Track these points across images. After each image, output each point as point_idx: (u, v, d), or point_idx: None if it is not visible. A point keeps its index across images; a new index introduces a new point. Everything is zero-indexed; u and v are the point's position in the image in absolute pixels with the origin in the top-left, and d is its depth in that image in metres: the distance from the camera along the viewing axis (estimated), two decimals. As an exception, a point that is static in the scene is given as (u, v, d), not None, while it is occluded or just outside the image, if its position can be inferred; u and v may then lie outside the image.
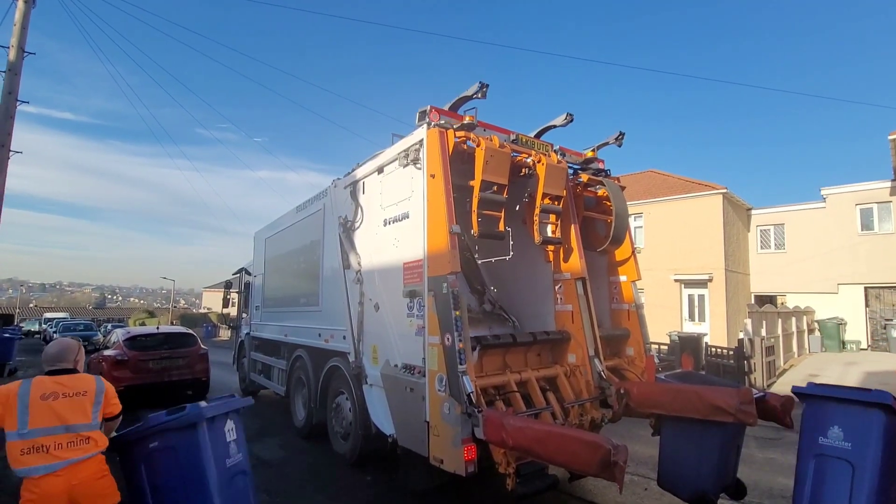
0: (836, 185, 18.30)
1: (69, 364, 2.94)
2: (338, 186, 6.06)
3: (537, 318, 5.28)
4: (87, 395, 2.79)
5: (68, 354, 2.97)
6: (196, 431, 2.93)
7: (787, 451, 6.60)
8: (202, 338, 26.18)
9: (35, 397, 2.64)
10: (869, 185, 17.57)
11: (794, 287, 18.95)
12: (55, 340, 3.11)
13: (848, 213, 17.85)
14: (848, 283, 17.65)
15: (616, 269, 5.76)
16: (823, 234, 18.22)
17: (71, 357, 2.97)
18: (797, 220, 19.21)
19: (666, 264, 18.90)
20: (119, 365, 8.78)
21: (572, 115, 4.98)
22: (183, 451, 2.95)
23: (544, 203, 4.75)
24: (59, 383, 2.76)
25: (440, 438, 3.78)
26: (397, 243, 4.70)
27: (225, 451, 3.10)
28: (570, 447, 2.82)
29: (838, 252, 17.75)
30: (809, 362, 14.37)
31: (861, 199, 17.68)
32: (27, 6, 8.49)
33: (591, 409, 4.49)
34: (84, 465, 2.65)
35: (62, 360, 2.93)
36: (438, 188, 4.07)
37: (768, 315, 12.60)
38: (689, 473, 3.90)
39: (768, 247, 20.02)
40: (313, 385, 6.41)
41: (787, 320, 14.72)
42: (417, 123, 4.42)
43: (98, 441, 2.77)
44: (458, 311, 3.81)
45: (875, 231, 17.30)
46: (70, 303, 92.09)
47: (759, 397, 3.88)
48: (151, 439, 3.07)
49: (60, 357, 2.93)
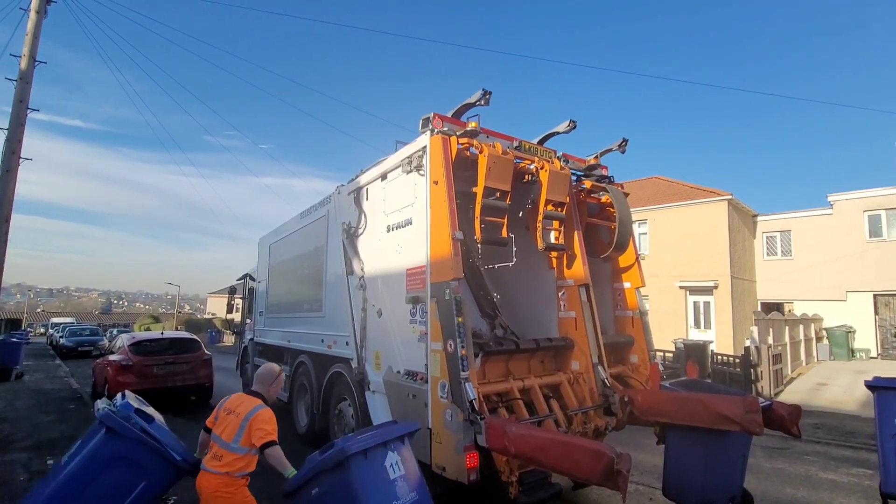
0: (844, 192, 18.18)
1: (261, 387, 3.23)
2: (341, 193, 6.09)
3: (541, 324, 5.26)
4: (237, 417, 2.98)
5: (265, 378, 3.26)
6: (347, 472, 2.56)
7: (795, 460, 6.51)
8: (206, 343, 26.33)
9: (223, 407, 3.09)
10: (877, 192, 17.45)
11: (801, 294, 18.79)
12: (266, 364, 3.45)
13: (856, 220, 17.70)
14: (856, 291, 17.47)
15: (620, 275, 5.74)
16: (831, 240, 18.07)
17: (266, 381, 3.25)
18: (804, 227, 19.09)
19: (671, 271, 18.79)
20: (124, 370, 8.87)
21: (575, 121, 4.99)
22: (339, 496, 2.61)
23: (547, 209, 4.75)
24: (238, 401, 3.09)
25: (442, 445, 3.76)
26: (400, 249, 4.70)
27: (389, 491, 2.66)
28: (573, 455, 2.79)
29: (846, 259, 17.59)
30: (818, 370, 14.19)
31: (869, 206, 17.54)
32: (39, 17, 8.64)
33: (595, 416, 4.45)
34: (211, 478, 2.90)
35: (258, 381, 3.26)
36: (441, 195, 4.08)
37: (775, 322, 12.51)
38: (695, 483, 3.86)
39: (775, 253, 19.89)
40: (316, 391, 6.40)
41: (795, 328, 14.58)
42: (421, 130, 4.44)
43: (227, 462, 2.90)
44: (460, 318, 3.80)
45: (884, 238, 17.15)
46: (77, 308, 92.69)
47: (765, 406, 3.84)
48: (312, 484, 2.80)
49: (258, 379, 3.27)
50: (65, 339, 23.76)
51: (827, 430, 8.25)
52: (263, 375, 3.28)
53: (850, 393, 10.99)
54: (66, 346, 22.92)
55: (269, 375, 3.28)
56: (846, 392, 11.12)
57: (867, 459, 6.48)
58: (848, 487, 5.44)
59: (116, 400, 3.29)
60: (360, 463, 2.60)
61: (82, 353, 22.23)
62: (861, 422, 8.72)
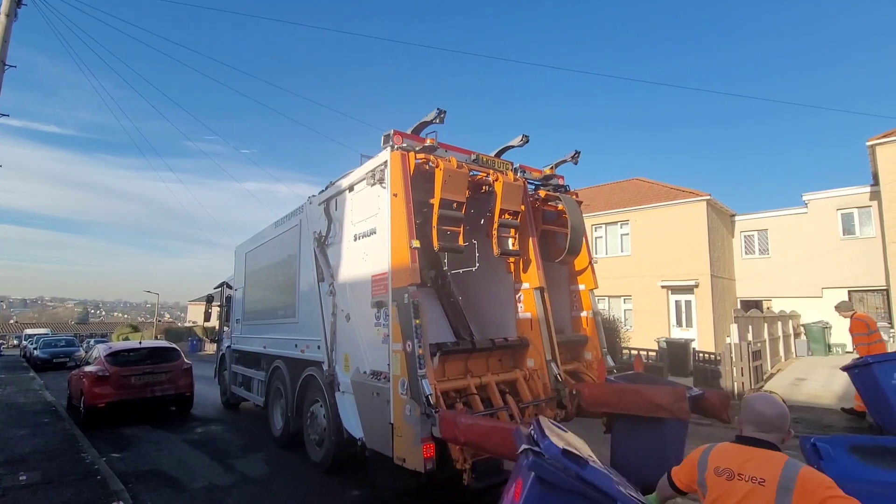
0: (818, 191, 18.59)
1: (774, 436, 2.03)
2: (313, 203, 6.36)
3: (500, 325, 5.61)
4: (764, 485, 1.90)
5: (782, 422, 2.05)
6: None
7: None
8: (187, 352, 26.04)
9: (711, 468, 2.07)
10: (849, 191, 17.93)
11: (779, 292, 19.20)
12: (766, 396, 2.17)
13: (830, 219, 18.16)
14: (832, 287, 17.87)
15: (576, 278, 6.14)
16: (806, 239, 18.51)
17: (784, 426, 2.05)
18: (780, 226, 19.54)
19: (653, 271, 19.21)
20: (100, 381, 8.77)
21: (527, 136, 5.38)
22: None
23: (503, 218, 5.12)
24: (745, 457, 2.00)
25: (403, 439, 4.06)
26: (366, 257, 5.00)
27: None
28: (508, 439, 3.12)
29: (822, 257, 18.06)
30: (796, 366, 14.42)
31: (842, 205, 18.02)
32: (8, 20, 8.65)
33: (546, 409, 4.80)
34: None
35: (770, 427, 2.04)
36: (400, 206, 4.41)
37: (754, 320, 12.69)
38: (637, 467, 4.21)
39: (752, 252, 20.38)
40: (290, 394, 6.63)
41: (773, 325, 14.80)
42: (382, 146, 4.76)
43: None
44: (417, 320, 4.12)
45: (857, 235, 17.65)
46: (52, 318, 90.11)
47: (697, 395, 4.24)
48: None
49: (769, 423, 2.04)
50: (39, 351, 23.29)
51: (806, 424, 8.47)
52: (777, 419, 2.05)
53: (827, 387, 11.24)
54: (40, 359, 22.47)
55: (785, 418, 2.06)
56: (824, 387, 11.35)
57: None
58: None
59: (536, 435, 2.40)
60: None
61: (57, 365, 21.82)
62: (838, 415, 9.01)
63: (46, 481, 5.37)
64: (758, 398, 2.15)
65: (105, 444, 7.39)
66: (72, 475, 5.54)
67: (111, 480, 5.40)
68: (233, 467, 6.21)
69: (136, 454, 6.93)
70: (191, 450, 7.14)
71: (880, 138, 15.33)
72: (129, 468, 6.20)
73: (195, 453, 6.93)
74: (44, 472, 5.65)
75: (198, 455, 6.84)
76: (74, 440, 7.25)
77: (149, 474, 5.99)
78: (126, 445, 7.45)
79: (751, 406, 2.11)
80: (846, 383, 11.57)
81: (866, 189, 17.48)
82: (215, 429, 8.65)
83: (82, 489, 5.11)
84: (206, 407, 10.73)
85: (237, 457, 6.70)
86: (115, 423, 8.86)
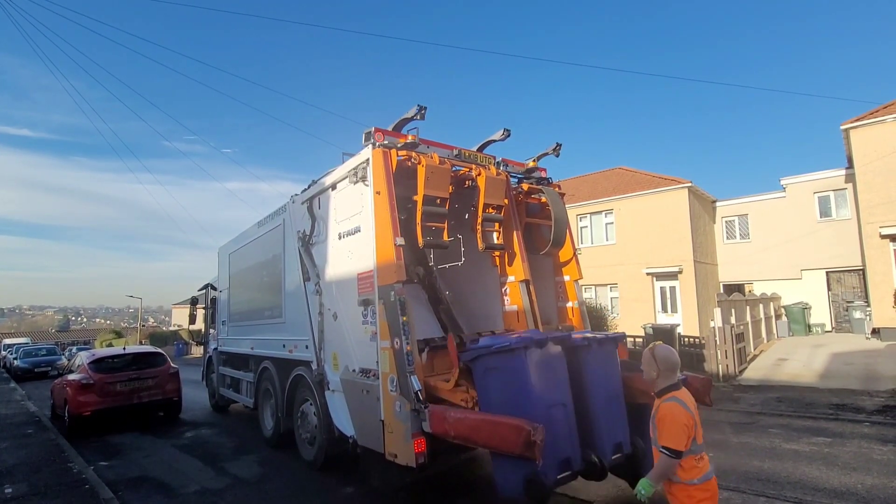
0: (795, 175, 18.94)
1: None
2: (296, 202, 6.31)
3: (488, 318, 5.66)
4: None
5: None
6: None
7: (760, 434, 6.82)
8: (173, 356, 25.66)
9: (694, 414, 2.66)
10: (825, 174, 18.31)
11: (759, 275, 19.62)
12: (667, 346, 2.85)
13: (807, 202, 18.57)
14: (810, 269, 18.36)
15: (561, 269, 6.20)
16: (785, 222, 18.91)
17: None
18: (760, 211, 19.92)
19: (638, 259, 19.46)
20: (84, 389, 8.62)
21: (509, 130, 5.40)
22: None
23: (486, 212, 5.15)
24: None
25: (394, 435, 4.10)
26: (351, 255, 4.99)
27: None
28: (499, 431, 3.17)
29: (800, 239, 18.49)
30: (778, 347, 14.81)
31: (818, 188, 18.42)
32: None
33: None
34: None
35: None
36: (384, 204, 4.40)
37: (737, 303, 12.93)
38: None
39: (734, 237, 20.77)
40: (280, 395, 6.62)
41: (755, 307, 15.10)
42: (364, 144, 4.74)
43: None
44: (405, 317, 4.14)
45: (833, 217, 18.07)
46: (31, 327, 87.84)
47: (680, 380, 4.34)
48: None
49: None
50: (19, 361, 22.69)
51: (788, 402, 8.73)
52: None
53: (808, 366, 11.60)
54: (20, 369, 21.92)
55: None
56: (805, 366, 11.71)
57: (826, 428, 6.95)
58: (809, 456, 5.76)
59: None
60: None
61: (39, 375, 21.32)
62: (819, 393, 9.29)
63: (34, 493, 5.28)
64: (669, 350, 2.82)
65: (93, 453, 7.28)
66: (60, 486, 5.45)
67: (100, 489, 5.32)
68: (225, 470, 6.18)
69: (125, 461, 6.85)
70: (181, 454, 7.07)
71: (854, 122, 15.63)
72: (119, 476, 6.12)
73: (186, 458, 6.87)
74: (30, 484, 5.55)
75: (189, 459, 6.78)
76: (60, 450, 7.13)
77: (139, 481, 5.92)
78: (114, 453, 7.35)
79: (674, 356, 2.77)
80: (826, 362, 11.99)
81: (841, 172, 17.87)
82: (205, 432, 8.59)
83: (71, 499, 5.04)
84: (195, 411, 10.63)
85: (229, 459, 6.66)
86: (101, 431, 8.73)
